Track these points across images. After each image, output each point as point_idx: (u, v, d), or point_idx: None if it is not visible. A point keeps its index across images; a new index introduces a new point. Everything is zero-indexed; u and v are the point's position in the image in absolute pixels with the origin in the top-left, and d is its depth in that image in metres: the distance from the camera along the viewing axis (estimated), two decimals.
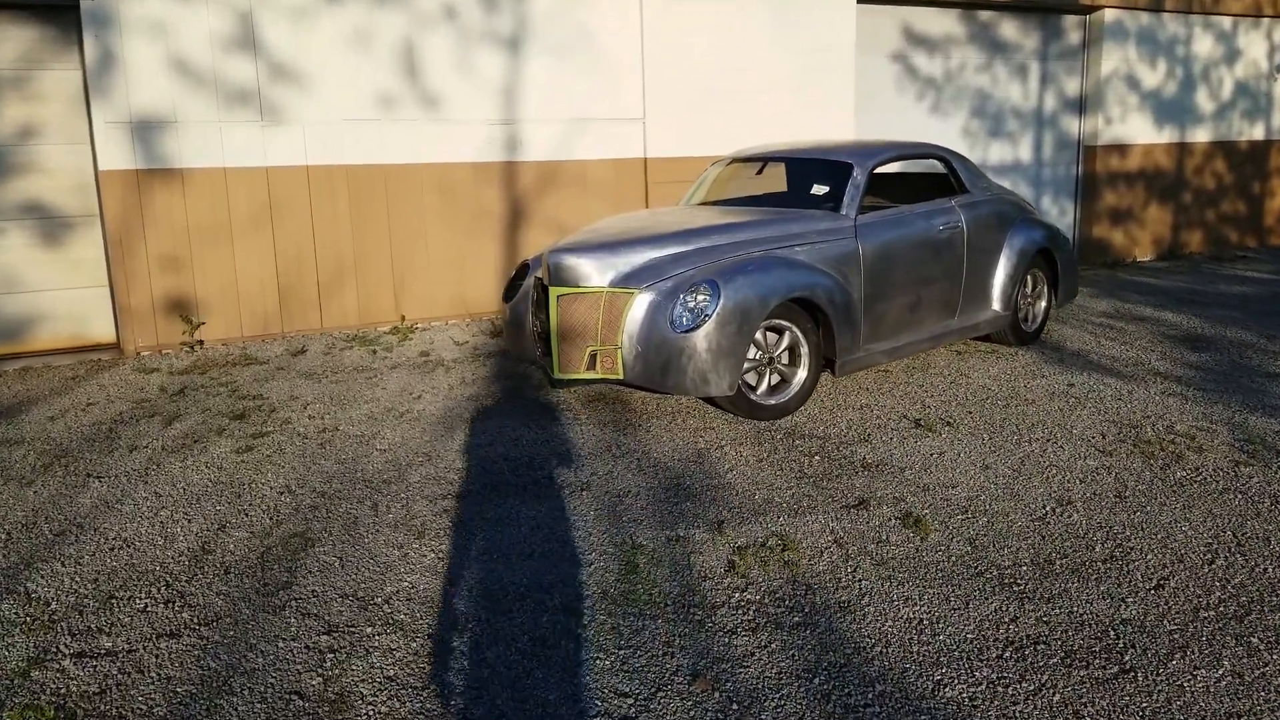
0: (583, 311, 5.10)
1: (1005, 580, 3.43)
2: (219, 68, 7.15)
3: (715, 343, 4.86)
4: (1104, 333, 7.38)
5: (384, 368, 6.63)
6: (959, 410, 5.40)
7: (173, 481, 4.50)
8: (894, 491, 4.23)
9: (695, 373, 4.88)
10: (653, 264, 5.15)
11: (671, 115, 8.73)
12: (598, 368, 5.10)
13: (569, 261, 5.12)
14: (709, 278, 4.97)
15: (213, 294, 7.36)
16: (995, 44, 10.80)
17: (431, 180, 7.95)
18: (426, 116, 7.84)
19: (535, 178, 8.34)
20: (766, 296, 5.01)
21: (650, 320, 4.97)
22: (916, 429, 5.07)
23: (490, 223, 8.24)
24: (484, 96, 8.02)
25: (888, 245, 5.83)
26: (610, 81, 8.45)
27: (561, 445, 4.91)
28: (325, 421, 5.37)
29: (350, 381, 6.25)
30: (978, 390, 5.80)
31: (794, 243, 5.45)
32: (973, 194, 6.68)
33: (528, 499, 4.20)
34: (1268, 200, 13.05)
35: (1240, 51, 12.29)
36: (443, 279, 8.13)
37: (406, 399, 5.80)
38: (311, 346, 7.33)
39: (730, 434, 5.03)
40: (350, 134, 7.61)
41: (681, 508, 4.07)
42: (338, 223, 7.68)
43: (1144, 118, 11.65)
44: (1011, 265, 6.71)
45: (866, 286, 5.70)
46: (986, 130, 10.94)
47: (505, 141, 8.16)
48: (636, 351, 4.99)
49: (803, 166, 6.62)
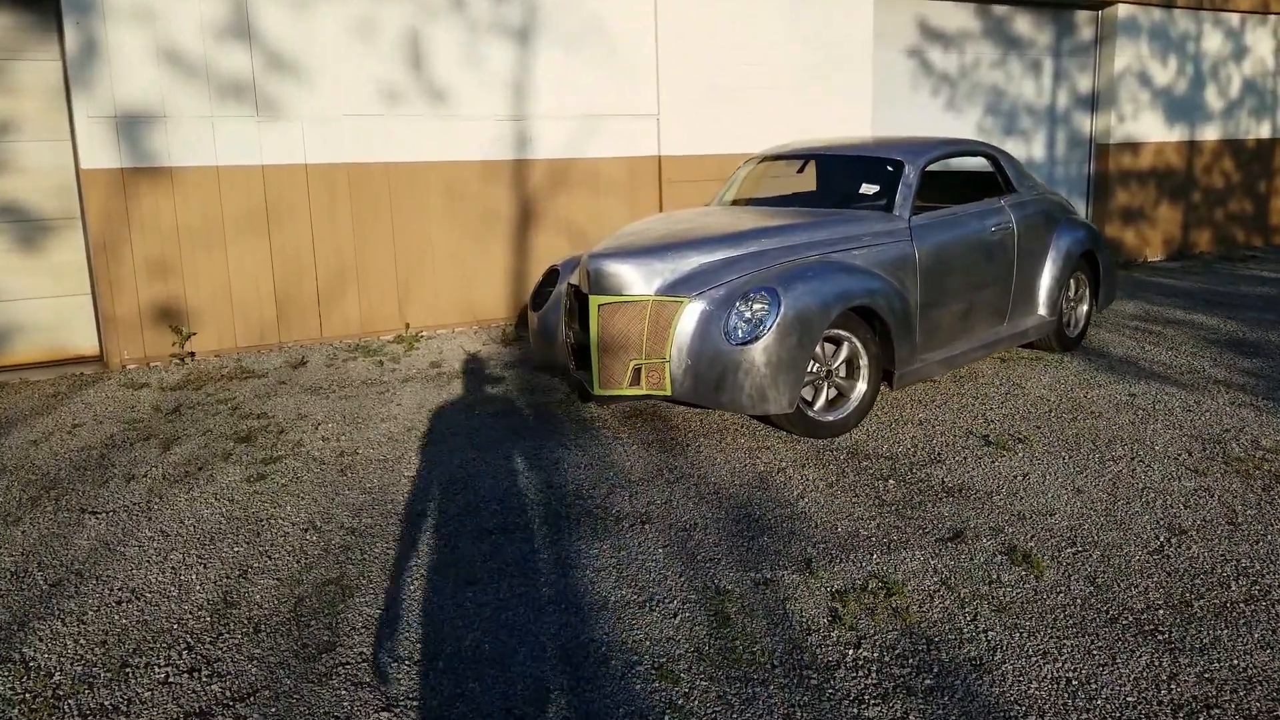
0: (626, 322, 4.67)
1: (1145, 627, 3.04)
2: (211, 58, 6.64)
3: (775, 356, 4.44)
4: (1143, 337, 7.05)
5: (395, 381, 6.16)
6: (1025, 425, 5.02)
7: (180, 517, 4.01)
8: (988, 521, 3.83)
9: (753, 389, 4.46)
10: (702, 270, 4.73)
11: (687, 111, 8.31)
12: (642, 383, 4.68)
13: (611, 268, 4.69)
14: (766, 284, 4.55)
15: (204, 302, 6.85)
16: (1009, 39, 10.47)
17: (437, 180, 7.49)
18: (432, 112, 7.38)
19: (545, 177, 7.89)
20: (829, 305, 4.60)
21: (702, 331, 4.55)
22: (988, 447, 4.69)
23: (499, 224, 7.78)
24: (492, 91, 7.56)
25: (943, 248, 5.45)
26: (623, 76, 8.02)
27: (608, 469, 4.47)
28: (342, 443, 4.90)
29: (361, 397, 5.78)
30: (1036, 402, 5.43)
31: (850, 246, 5.05)
32: (1020, 193, 6.32)
33: (584, 534, 3.76)
34: (1274, 199, 12.84)
35: (1248, 48, 12.07)
36: (449, 284, 7.67)
37: (427, 416, 5.34)
38: (312, 357, 6.84)
39: (789, 454, 4.62)
40: (352, 130, 7.13)
41: (759, 543, 3.65)
42: (338, 225, 7.19)
43: (1155, 115, 11.38)
44: (1058, 268, 6.36)
45: (922, 292, 5.32)
46: (1001, 127, 10.62)
47: (514, 139, 7.71)
48: (686, 365, 4.56)
49: (847, 164, 6.22)
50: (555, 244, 8.00)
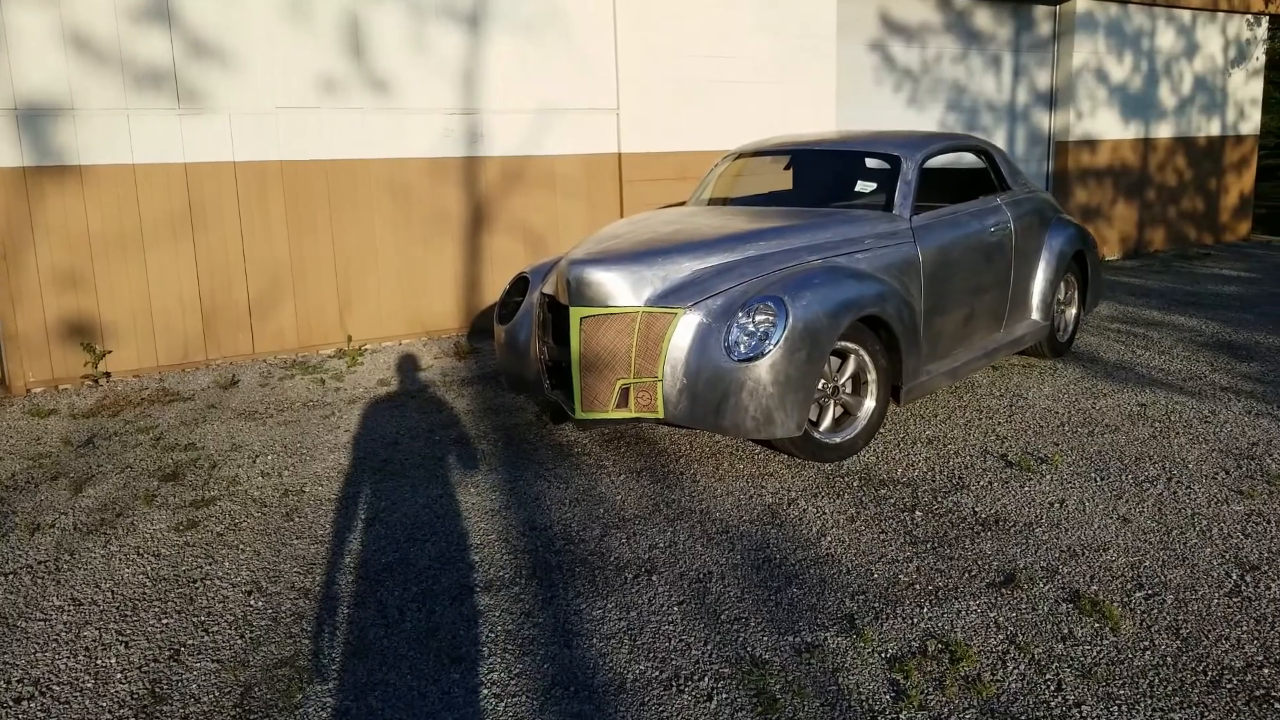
0: (613, 337, 4.13)
1: (1256, 693, 2.61)
2: (126, 44, 5.93)
3: (783, 373, 3.95)
4: (1130, 341, 6.74)
5: (340, 402, 5.54)
6: (1042, 442, 4.61)
7: (95, 579, 3.37)
8: (1038, 559, 3.39)
9: (758, 411, 3.96)
10: (697, 277, 4.22)
11: (648, 105, 7.80)
12: (631, 405, 4.15)
13: (595, 275, 4.15)
14: (771, 293, 4.06)
15: (121, 316, 6.13)
16: (970, 33, 10.18)
17: (381, 179, 6.86)
18: (375, 105, 6.75)
19: (499, 175, 7.31)
20: (839, 314, 4.12)
21: (699, 346, 4.03)
22: (1011, 469, 4.26)
23: (449, 227, 7.17)
24: (441, 82, 6.96)
25: (946, 250, 5.03)
26: (581, 67, 7.48)
27: (597, 505, 3.93)
28: (285, 480, 4.28)
29: (303, 422, 5.15)
30: (1044, 415, 5.04)
31: (852, 249, 4.59)
32: (1015, 191, 5.94)
33: (583, 590, 3.22)
34: (1222, 197, 12.82)
35: (1199, 45, 12.00)
36: (395, 293, 7.04)
37: (380, 445, 4.74)
38: (245, 376, 6.17)
39: (796, 482, 4.14)
40: (285, 124, 6.47)
41: (789, 596, 3.15)
42: (271, 229, 6.52)
43: (1112, 113, 11.22)
44: (1051, 270, 6.00)
45: (926, 298, 4.88)
46: (963, 124, 10.32)
47: (465, 134, 7.11)
48: (681, 385, 4.05)
49: (835, 161, 5.77)
50: (510, 248, 7.43)
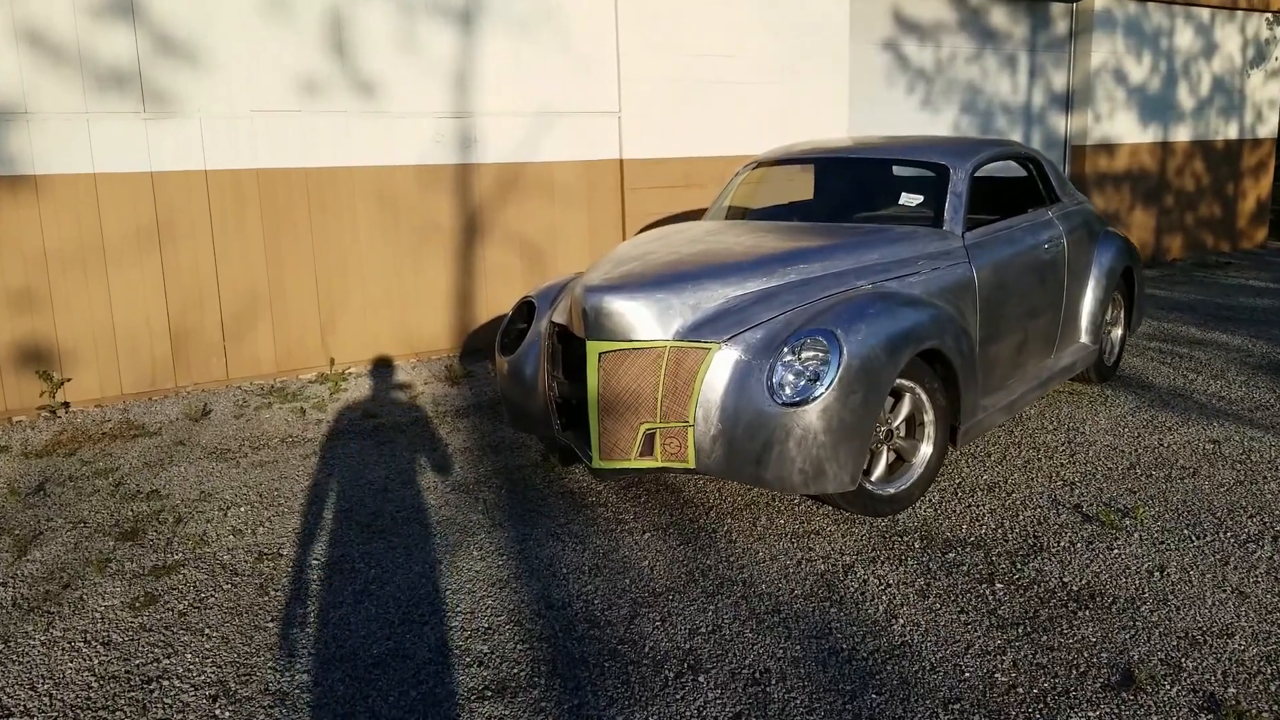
0: (636, 374, 3.60)
1: None
2: (86, 42, 5.36)
3: (836, 419, 3.42)
4: (1175, 362, 6.26)
5: (321, 437, 4.98)
6: (1116, 488, 4.11)
7: (32, 678, 2.81)
8: (1153, 649, 2.87)
9: (807, 462, 3.43)
10: (732, 306, 3.69)
11: (651, 108, 7.27)
12: (657, 453, 3.61)
13: (616, 304, 3.62)
14: (820, 325, 3.53)
15: (81, 340, 5.55)
16: (985, 32, 9.70)
17: (367, 188, 6.30)
18: (360, 108, 6.19)
19: (493, 183, 6.76)
20: (898, 349, 3.60)
21: (738, 387, 3.50)
22: (1090, 524, 3.75)
23: (439, 239, 6.62)
24: (430, 83, 6.41)
25: (1001, 270, 4.52)
26: (580, 67, 6.94)
27: (622, 574, 3.40)
28: (260, 539, 3.73)
29: (281, 463, 4.59)
30: (1109, 454, 4.54)
31: (904, 271, 4.07)
32: (1064, 203, 5.44)
33: (617, 695, 2.68)
34: (1240, 203, 12.39)
35: (1217, 45, 11.56)
36: (381, 311, 6.48)
37: (368, 493, 4.19)
38: (217, 405, 5.60)
39: (848, 542, 3.61)
40: (262, 130, 5.90)
41: (868, 705, 2.62)
42: (247, 243, 5.95)
43: (1130, 115, 10.76)
44: (1101, 289, 5.51)
45: (982, 324, 4.38)
46: (977, 127, 9.84)
47: (457, 139, 6.56)
48: (716, 431, 3.51)
49: (875, 170, 5.24)
50: (506, 261, 6.88)
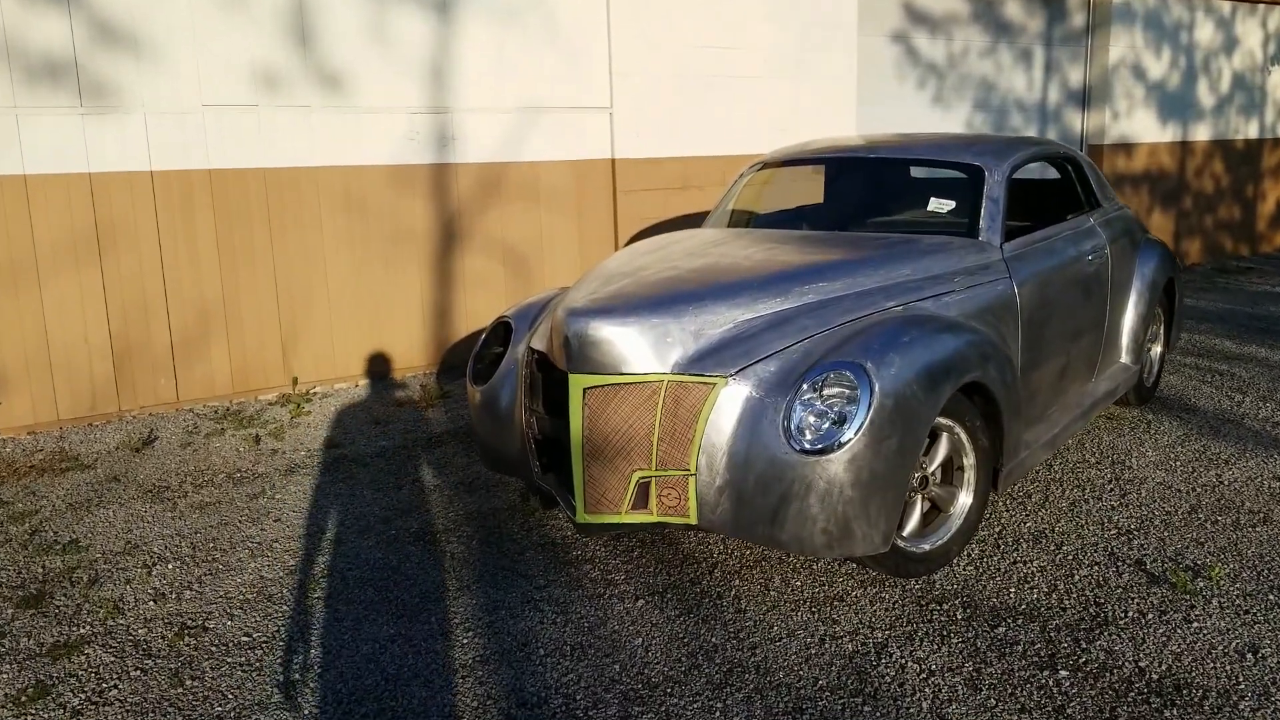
0: (628, 414, 3.04)
1: None
2: (15, 30, 4.79)
3: (866, 469, 2.87)
4: (1215, 381, 5.72)
5: (274, 472, 4.42)
6: (1179, 538, 3.56)
7: None
8: None
9: (831, 521, 2.88)
10: (741, 332, 3.13)
11: (645, 104, 6.72)
12: (652, 506, 3.06)
13: (603, 331, 3.06)
14: (846, 356, 2.97)
15: (11, 360, 4.98)
16: (999, 24, 9.15)
17: (333, 190, 5.73)
18: (325, 102, 5.62)
19: (473, 185, 6.20)
20: (937, 384, 3.04)
21: (748, 430, 2.95)
22: (1157, 586, 3.20)
23: (414, 247, 6.06)
24: (404, 76, 5.84)
25: (1044, 286, 3.98)
26: (569, 59, 6.38)
27: (610, 655, 2.84)
28: (184, 606, 3.16)
29: (224, 505, 4.03)
30: (1164, 493, 3.99)
31: (938, 289, 3.52)
32: (1106, 209, 4.90)
33: None
34: (1260, 205, 11.88)
35: (1238, 40, 11.04)
36: (349, 326, 5.91)
37: (320, 545, 3.63)
38: (164, 432, 5.04)
39: (878, 611, 3.06)
40: (215, 126, 5.34)
41: None
42: (198, 251, 5.39)
43: (1149, 113, 10.23)
44: (1144, 304, 4.97)
45: (1023, 349, 3.83)
46: (991, 125, 9.30)
47: (433, 137, 6.00)
48: (723, 482, 2.96)
49: (898, 172, 4.69)
50: (487, 269, 6.32)
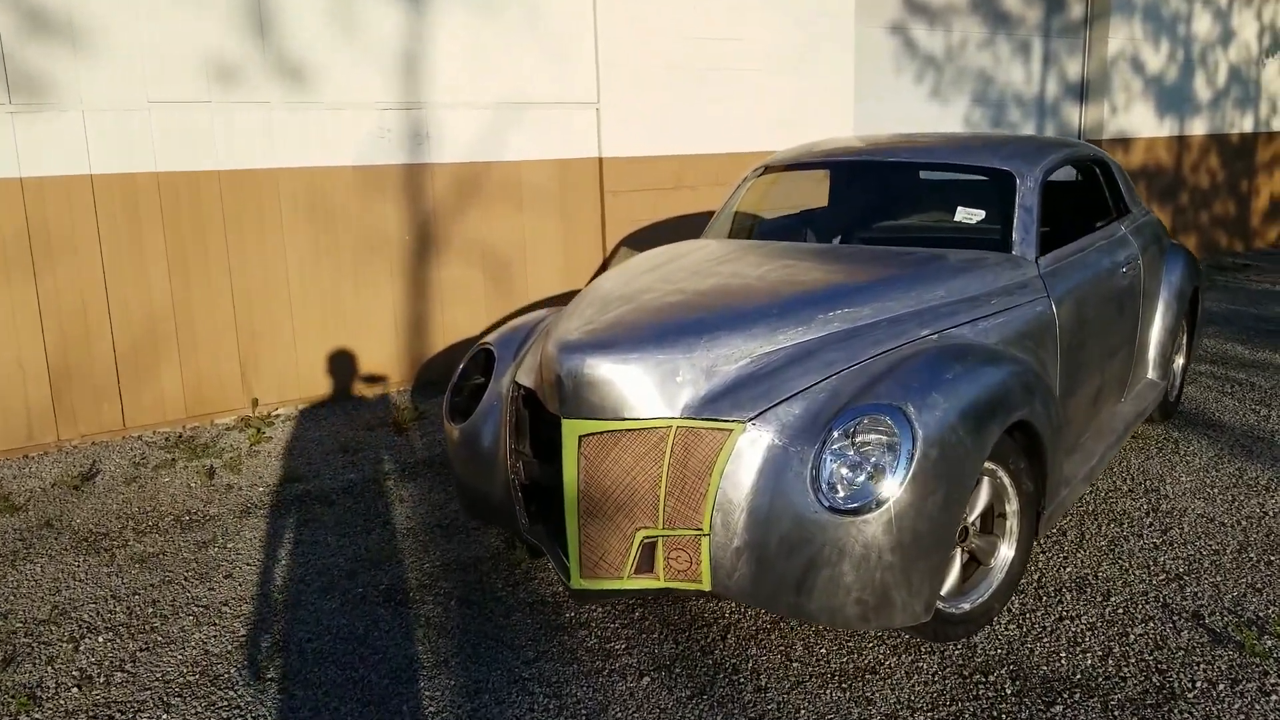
0: (630, 465, 2.63)
1: None
2: None
3: (909, 529, 2.47)
4: (1235, 391, 5.40)
5: (228, 514, 3.97)
6: (1233, 582, 3.20)
7: None
8: None
9: (868, 590, 2.48)
10: (759, 368, 2.72)
11: (634, 99, 6.29)
12: (659, 570, 2.65)
13: (602, 369, 2.64)
14: (882, 397, 2.57)
15: None
16: (997, 15, 8.79)
17: (296, 194, 5.27)
18: (287, 98, 5.16)
19: (450, 186, 5.75)
20: (984, 425, 2.65)
21: (770, 483, 2.54)
22: (1221, 646, 2.83)
23: (386, 254, 5.61)
24: (373, 69, 5.39)
25: (1082, 303, 3.60)
26: (553, 51, 5.94)
27: None
28: (113, 694, 2.72)
29: (169, 555, 3.58)
30: (1205, 525, 3.64)
31: (974, 313, 3.13)
32: (1135, 215, 4.54)
33: None
34: (1254, 200, 11.62)
35: (1234, 32, 10.75)
36: (315, 341, 5.46)
37: (276, 607, 3.20)
38: (108, 464, 4.58)
39: (917, 685, 2.67)
40: (164, 125, 4.87)
41: None
42: (146, 263, 4.92)
43: (1147, 107, 9.92)
44: (1172, 315, 4.63)
45: (1062, 375, 3.45)
46: (989, 120, 8.95)
47: (406, 135, 5.55)
48: (741, 543, 2.56)
49: (914, 178, 4.30)
50: (466, 278, 5.88)
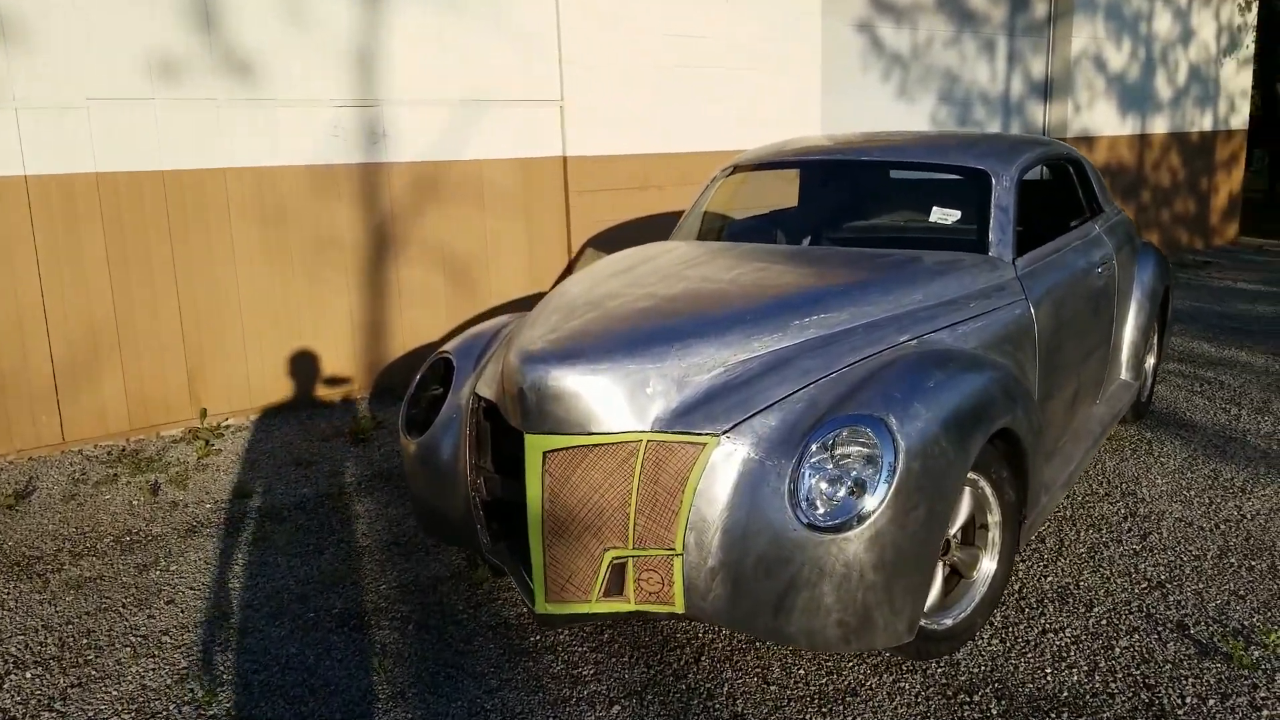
0: (598, 482, 2.48)
1: None
2: None
3: (891, 546, 2.34)
4: (1204, 390, 5.37)
5: (171, 533, 3.77)
6: (1216, 590, 3.11)
7: None
8: None
9: (849, 610, 2.35)
10: (733, 377, 2.58)
11: (599, 96, 6.14)
12: (629, 593, 2.51)
13: (567, 381, 2.49)
14: (862, 408, 2.44)
15: None
16: (963, 13, 8.74)
17: (245, 195, 5.06)
18: (234, 94, 4.95)
19: (409, 186, 5.57)
20: (968, 435, 2.52)
21: (747, 500, 2.41)
22: (1209, 658, 2.73)
23: (341, 257, 5.41)
24: (326, 64, 5.19)
25: (1059, 306, 3.51)
26: (515, 46, 5.78)
27: None
28: None
29: (107, 579, 3.38)
30: (1184, 529, 3.56)
31: (953, 316, 3.01)
32: (1108, 214, 4.47)
33: None
34: (1213, 198, 11.71)
35: (1194, 32, 10.82)
36: (267, 348, 5.25)
37: (220, 635, 3.01)
38: (45, 481, 4.35)
39: (900, 709, 2.54)
40: (103, 123, 4.64)
41: None
42: (85, 268, 4.69)
43: (1110, 106, 9.94)
44: (1145, 315, 4.57)
45: (1041, 379, 3.35)
46: (955, 118, 8.90)
47: (361, 133, 5.36)
48: (716, 563, 2.42)
49: (886, 175, 4.18)
50: (425, 281, 5.69)
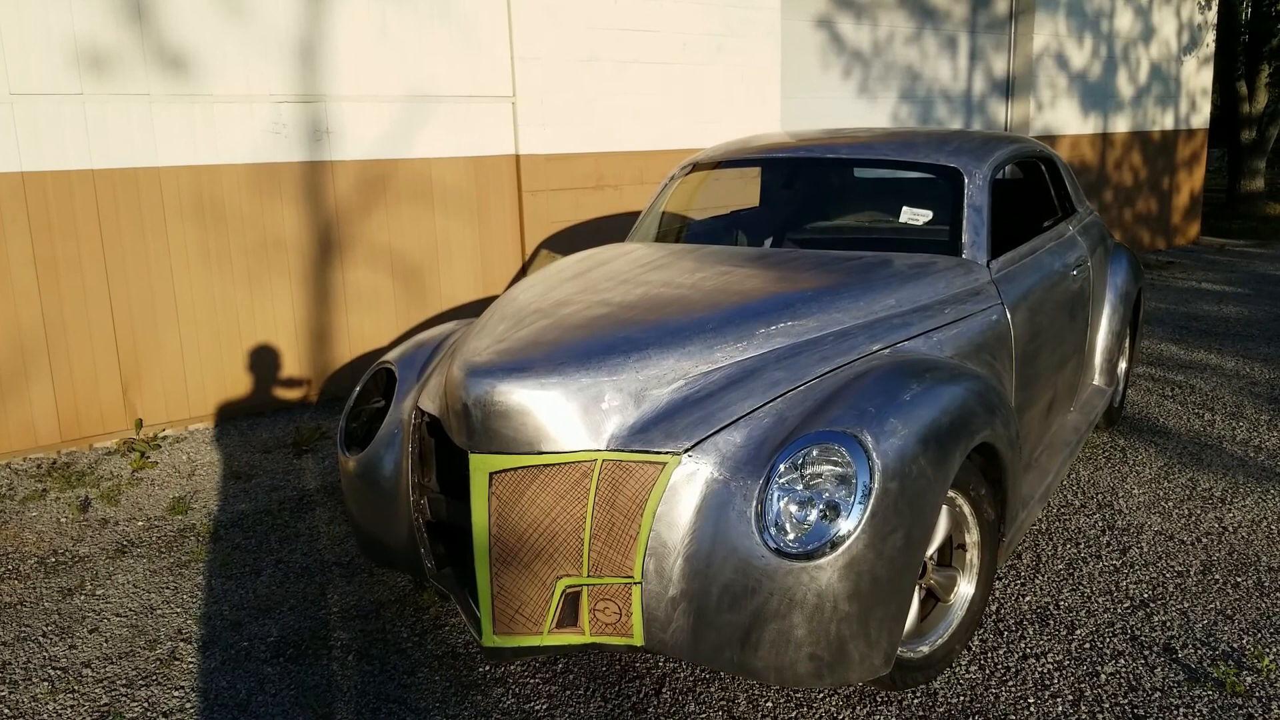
0: (550, 505, 2.29)
1: None
2: None
3: (867, 574, 2.17)
4: (1175, 395, 5.28)
5: (100, 554, 3.52)
6: (1202, 609, 2.99)
7: None
8: None
9: (822, 644, 2.18)
10: (694, 391, 2.40)
11: (553, 92, 5.94)
12: (584, 624, 2.32)
13: (515, 396, 2.29)
14: (834, 424, 2.27)
15: None
16: (924, 10, 8.63)
17: (182, 194, 4.80)
18: (169, 89, 4.69)
19: (355, 185, 5.33)
20: (947, 451, 2.36)
21: (710, 524, 2.22)
22: (1199, 684, 2.60)
23: (283, 259, 5.17)
24: (266, 58, 4.94)
25: (1035, 310, 3.37)
26: (465, 41, 5.56)
27: None
28: None
29: (27, 608, 3.13)
30: (1165, 544, 3.44)
31: (926, 323, 2.85)
32: (1081, 214, 4.34)
33: None
34: (1174, 197, 11.73)
35: (1155, 30, 10.81)
36: (206, 355, 5.00)
37: (143, 665, 2.78)
38: None
39: None
40: (28, 119, 4.37)
41: None
42: (11, 271, 4.42)
43: (1072, 104, 9.90)
44: (1118, 318, 4.46)
45: (1017, 387, 3.21)
46: (917, 116, 8.79)
47: (304, 130, 5.11)
48: (678, 592, 2.23)
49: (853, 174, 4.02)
50: (373, 283, 5.46)
